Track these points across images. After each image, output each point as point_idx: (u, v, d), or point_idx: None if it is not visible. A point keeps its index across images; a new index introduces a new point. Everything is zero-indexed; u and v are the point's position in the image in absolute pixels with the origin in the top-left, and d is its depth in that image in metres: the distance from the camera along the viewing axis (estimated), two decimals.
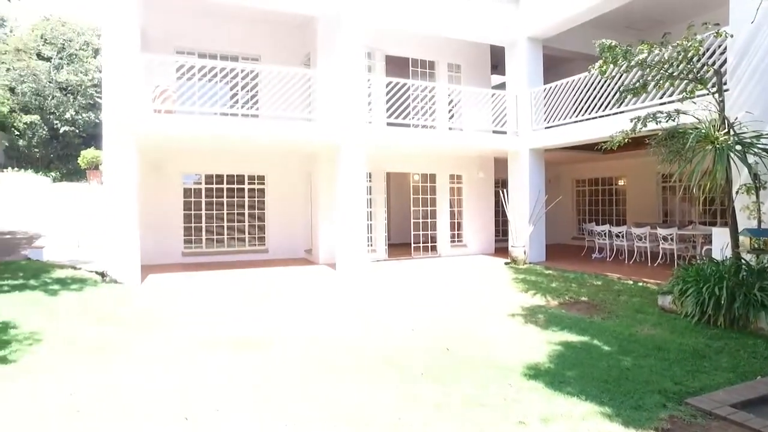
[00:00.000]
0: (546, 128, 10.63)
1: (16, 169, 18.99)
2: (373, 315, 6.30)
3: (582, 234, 13.22)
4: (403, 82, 9.94)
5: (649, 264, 10.06)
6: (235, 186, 11.27)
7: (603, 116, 9.05)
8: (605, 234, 11.16)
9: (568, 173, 15.25)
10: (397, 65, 11.88)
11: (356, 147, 9.40)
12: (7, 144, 19.72)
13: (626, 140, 6.83)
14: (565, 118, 10.07)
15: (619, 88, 7.83)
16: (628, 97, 7.22)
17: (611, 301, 6.92)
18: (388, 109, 10.01)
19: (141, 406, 3.52)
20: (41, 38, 21.58)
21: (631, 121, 6.71)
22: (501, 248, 12.42)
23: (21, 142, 19.98)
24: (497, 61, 12.78)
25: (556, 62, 12.64)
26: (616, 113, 8.62)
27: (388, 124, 10.27)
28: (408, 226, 12.07)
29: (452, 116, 11.10)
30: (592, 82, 9.24)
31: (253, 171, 11.38)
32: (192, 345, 4.91)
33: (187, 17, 10.63)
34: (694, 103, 6.41)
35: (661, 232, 9.82)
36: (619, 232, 10.78)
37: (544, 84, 10.93)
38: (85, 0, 42.01)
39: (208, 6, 9.96)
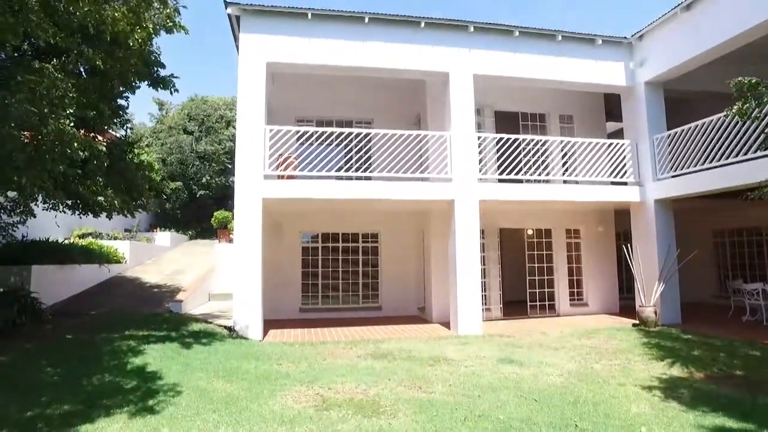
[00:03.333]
0: (673, 177, 9.76)
1: (162, 228, 21.70)
2: (489, 380, 5.99)
3: (726, 292, 11.62)
4: (514, 138, 9.85)
5: None
6: (350, 244, 11.75)
7: (745, 160, 8.09)
8: (758, 293, 9.69)
9: (702, 224, 13.66)
10: (506, 120, 11.87)
11: (469, 204, 9.37)
12: (159, 210, 22.68)
13: None
14: (695, 165, 9.19)
15: (765, 129, 7.00)
16: None
17: None
18: (499, 165, 9.93)
19: None
20: (187, 116, 25.03)
21: None
22: (626, 307, 11.34)
23: (167, 205, 22.87)
24: (612, 106, 12.19)
25: (677, 103, 11.68)
26: (762, 157, 7.68)
27: (500, 180, 10.15)
28: (523, 283, 11.56)
29: (566, 169, 10.66)
30: (728, 124, 8.38)
31: (367, 229, 11.80)
32: (316, 404, 5.01)
33: (306, 88, 11.71)
34: None
35: None
36: None
37: (668, 129, 10.14)
38: (225, 82, 48.20)
39: (325, 77, 10.86)
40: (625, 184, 10.48)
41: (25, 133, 6.32)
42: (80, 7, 6.06)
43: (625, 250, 10.38)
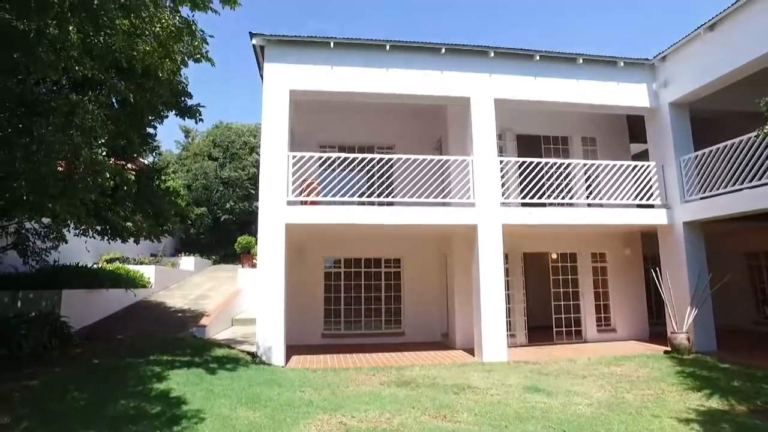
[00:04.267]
0: (701, 198, 9.53)
1: (187, 253, 22.03)
2: (516, 409, 5.82)
3: (766, 318, 11.16)
4: (536, 161, 9.79)
5: None
6: (372, 269, 11.72)
7: None
8: None
9: (735, 246, 13.23)
10: (528, 143, 11.83)
11: (492, 229, 9.30)
12: (184, 235, 23.09)
13: None
14: (725, 186, 8.97)
15: None
16: None
17: None
18: (522, 189, 9.86)
19: None
20: (212, 142, 25.65)
21: None
22: (657, 333, 10.97)
23: (192, 230, 23.25)
24: (636, 127, 12.05)
25: (704, 123, 11.45)
26: None
27: (524, 204, 10.06)
28: (548, 308, 11.32)
29: (590, 192, 10.50)
30: (759, 144, 8.19)
31: (389, 254, 11.77)
32: None
33: (328, 114, 11.90)
34: None
35: None
36: None
37: (695, 149, 9.96)
38: (249, 108, 49.37)
39: (347, 103, 11.01)
40: (652, 206, 10.27)
41: (60, 162, 6.56)
42: (116, 42, 6.32)
43: (654, 275, 10.10)
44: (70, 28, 5.49)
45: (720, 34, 9.10)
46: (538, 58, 9.96)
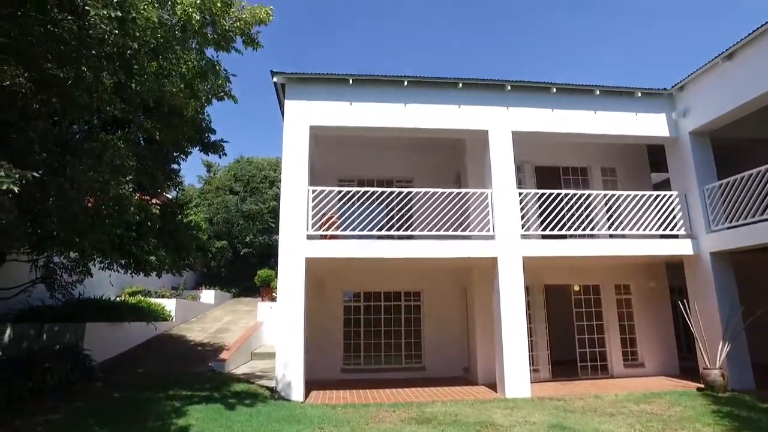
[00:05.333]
0: (728, 228, 9.30)
1: (207, 286, 22.23)
2: None
3: None
4: (556, 193, 9.74)
5: None
6: (392, 303, 11.63)
7: None
8: None
9: None
10: (547, 174, 11.80)
11: (512, 261, 9.19)
12: (205, 269, 23.37)
13: None
14: (753, 215, 8.75)
15: None
16: None
17: None
18: (542, 221, 9.78)
19: None
20: (233, 177, 26.21)
21: None
22: (688, 369, 10.57)
23: (213, 263, 23.52)
24: (656, 157, 11.93)
25: (727, 151, 11.24)
26: None
27: (544, 236, 9.96)
28: (572, 342, 11.02)
29: (612, 223, 10.35)
30: None
31: (409, 287, 11.69)
32: None
33: (348, 149, 12.07)
34: None
35: None
36: None
37: (718, 178, 9.79)
38: (269, 142, 50.54)
39: (366, 138, 11.18)
40: (676, 236, 10.05)
41: (89, 198, 6.78)
42: (145, 84, 6.61)
43: (682, 307, 9.79)
44: (105, 74, 5.78)
45: (738, 63, 9.08)
46: (554, 90, 10.03)
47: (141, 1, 6.37)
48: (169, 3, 7.62)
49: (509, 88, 9.97)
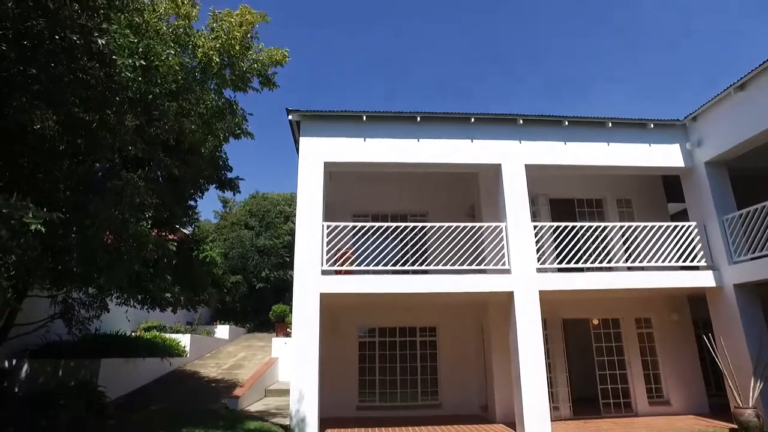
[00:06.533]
0: (752, 259, 9.08)
1: (222, 321, 22.19)
2: None
3: None
4: (572, 225, 9.67)
5: None
6: (407, 338, 11.47)
7: None
8: None
9: None
10: (562, 207, 11.75)
11: (528, 295, 9.06)
12: (220, 305, 23.40)
13: None
14: None
15: None
16: None
17: None
18: (558, 254, 9.69)
19: None
20: (248, 212, 26.52)
21: None
22: (718, 406, 10.16)
23: (228, 298, 23.54)
24: (672, 187, 11.81)
25: (746, 180, 11.03)
26: None
27: (560, 269, 9.83)
28: (593, 378, 10.70)
29: (629, 255, 10.18)
30: None
31: (424, 323, 11.54)
32: None
33: (362, 184, 12.15)
34: None
35: None
36: None
37: (738, 207, 9.63)
38: (284, 177, 51.30)
39: (379, 173, 11.29)
40: (697, 268, 9.84)
41: (108, 235, 6.92)
42: (166, 125, 6.84)
43: (707, 342, 9.48)
44: (128, 116, 6.01)
45: (751, 93, 9.08)
46: (567, 123, 10.10)
47: (164, 50, 6.67)
48: (191, 46, 7.95)
49: (521, 122, 10.05)
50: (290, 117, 9.85)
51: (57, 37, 5.13)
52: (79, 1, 5.18)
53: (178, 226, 10.85)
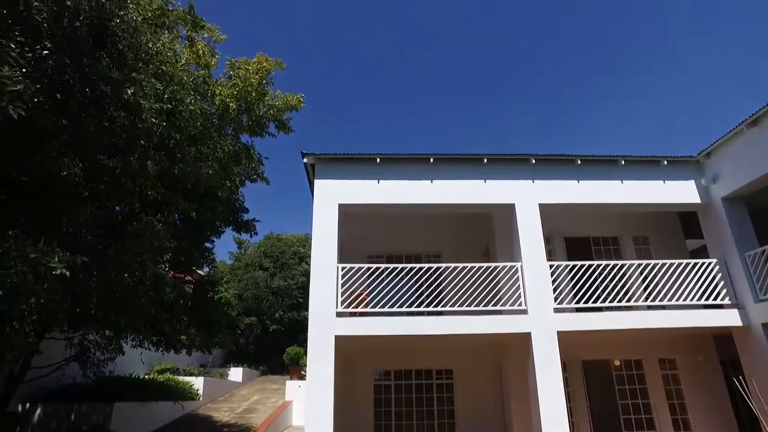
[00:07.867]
0: None
1: (236, 364, 21.96)
2: None
3: None
4: (588, 264, 9.55)
5: None
6: (423, 381, 11.22)
7: None
8: None
9: None
10: (578, 245, 11.66)
11: (546, 336, 8.87)
12: (233, 347, 23.25)
13: None
14: None
15: None
16: None
17: None
18: (575, 294, 9.53)
19: None
20: (263, 253, 26.65)
21: None
22: None
23: (241, 340, 23.37)
24: (690, 223, 11.65)
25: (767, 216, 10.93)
26: None
27: (578, 309, 9.65)
28: (617, 422, 10.28)
29: (649, 293, 9.97)
30: None
31: (440, 365, 11.30)
32: None
33: (376, 225, 12.20)
34: None
35: None
36: None
37: (761, 243, 9.44)
38: (298, 218, 51.78)
39: (394, 214, 11.36)
40: (721, 306, 9.58)
41: (127, 277, 7.03)
42: (185, 169, 7.05)
43: (737, 384, 9.09)
44: (149, 162, 6.23)
45: (763, 130, 9.07)
46: (579, 162, 10.14)
47: (186, 96, 6.97)
48: (209, 94, 8.28)
49: (534, 161, 10.12)
50: (305, 160, 10.01)
51: (87, 89, 5.41)
52: (110, 56, 5.48)
53: (195, 268, 10.97)
